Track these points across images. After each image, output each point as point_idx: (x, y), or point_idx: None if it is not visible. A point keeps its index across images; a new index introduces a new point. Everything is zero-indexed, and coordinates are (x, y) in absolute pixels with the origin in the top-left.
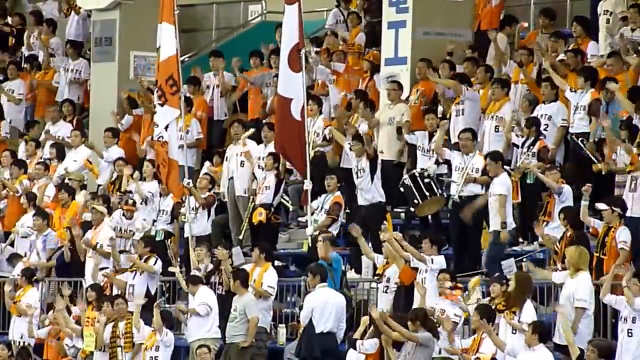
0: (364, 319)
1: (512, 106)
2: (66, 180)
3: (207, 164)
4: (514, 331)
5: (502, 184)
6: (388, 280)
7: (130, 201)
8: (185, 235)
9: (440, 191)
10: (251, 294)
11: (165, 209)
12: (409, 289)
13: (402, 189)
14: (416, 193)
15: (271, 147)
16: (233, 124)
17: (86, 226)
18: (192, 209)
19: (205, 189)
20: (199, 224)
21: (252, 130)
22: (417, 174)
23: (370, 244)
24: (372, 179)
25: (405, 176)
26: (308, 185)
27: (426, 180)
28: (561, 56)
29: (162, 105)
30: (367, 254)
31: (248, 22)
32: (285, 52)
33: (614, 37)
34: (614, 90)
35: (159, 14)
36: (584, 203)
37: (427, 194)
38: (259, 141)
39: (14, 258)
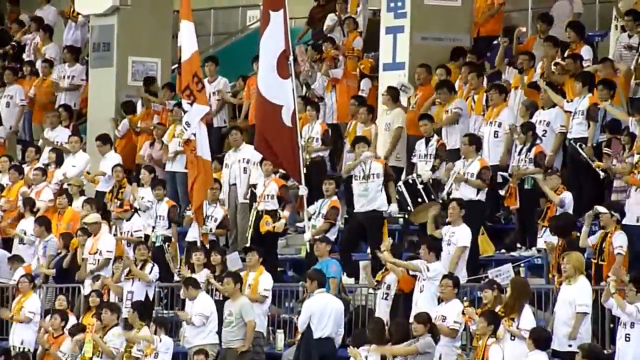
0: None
1: (510, 112)
2: (65, 186)
3: None
4: (512, 337)
5: (465, 235)
6: (388, 288)
7: (118, 202)
8: (187, 239)
9: (434, 197)
10: (245, 297)
11: (161, 215)
12: (408, 296)
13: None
14: (409, 200)
15: (247, 153)
16: (231, 130)
17: (85, 234)
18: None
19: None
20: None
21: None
22: (410, 181)
23: (368, 249)
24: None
25: (400, 183)
26: (303, 191)
27: (420, 186)
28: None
29: (191, 104)
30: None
31: (246, 28)
32: (271, 58)
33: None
34: (604, 107)
35: (180, 12)
36: (585, 229)
37: (420, 200)
38: None
39: (15, 261)
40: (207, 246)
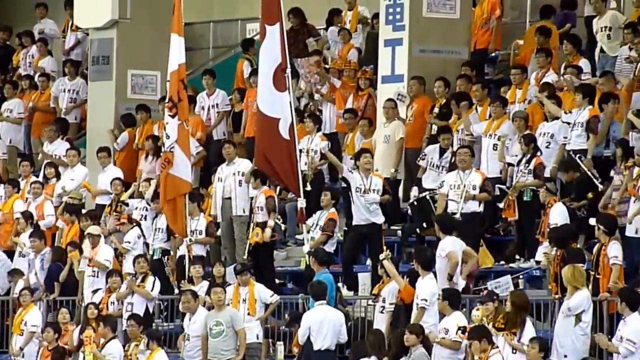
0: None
1: (511, 125)
2: (64, 199)
3: None
4: (514, 351)
5: (451, 243)
6: (384, 301)
7: (117, 215)
8: (179, 254)
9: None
10: (230, 307)
11: (160, 227)
12: (408, 307)
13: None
14: (417, 216)
15: (243, 166)
16: (224, 144)
17: (75, 247)
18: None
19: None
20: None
21: None
22: (428, 197)
23: (369, 261)
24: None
25: (413, 200)
26: (302, 203)
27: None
28: (552, 75)
29: (173, 116)
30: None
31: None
32: (268, 72)
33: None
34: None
35: (171, 25)
36: None
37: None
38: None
39: (15, 274)
40: (192, 257)
